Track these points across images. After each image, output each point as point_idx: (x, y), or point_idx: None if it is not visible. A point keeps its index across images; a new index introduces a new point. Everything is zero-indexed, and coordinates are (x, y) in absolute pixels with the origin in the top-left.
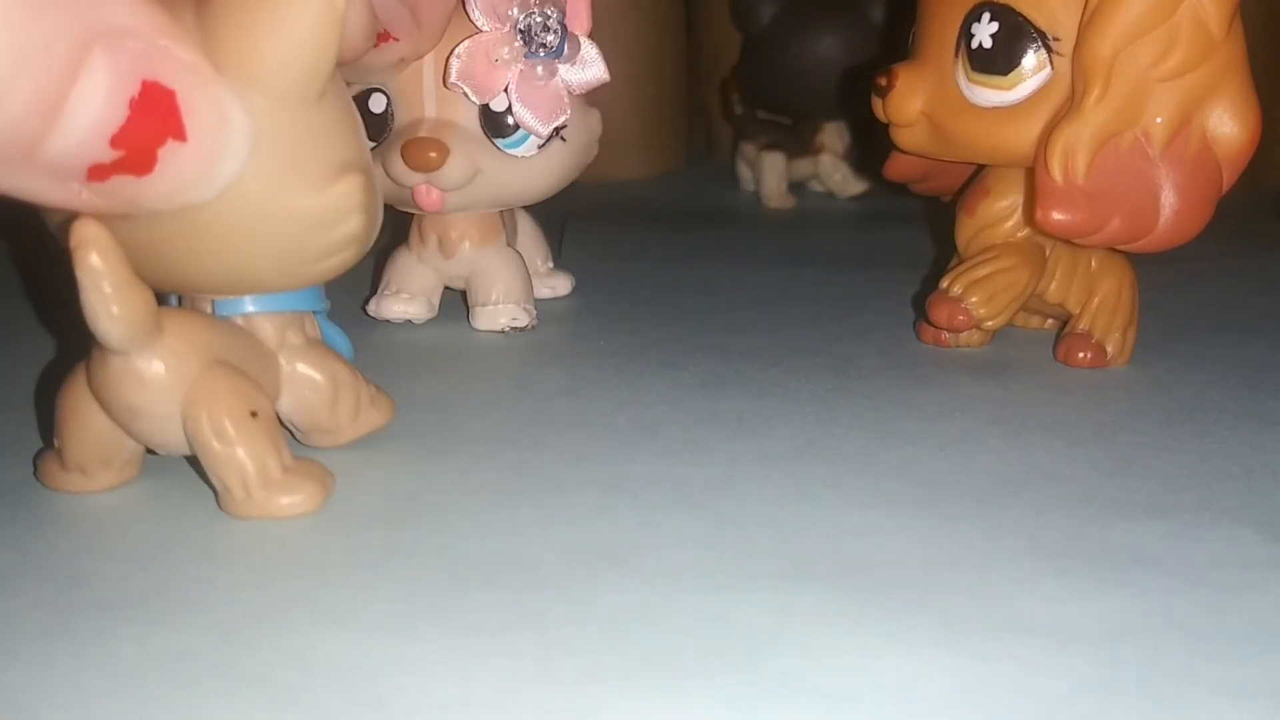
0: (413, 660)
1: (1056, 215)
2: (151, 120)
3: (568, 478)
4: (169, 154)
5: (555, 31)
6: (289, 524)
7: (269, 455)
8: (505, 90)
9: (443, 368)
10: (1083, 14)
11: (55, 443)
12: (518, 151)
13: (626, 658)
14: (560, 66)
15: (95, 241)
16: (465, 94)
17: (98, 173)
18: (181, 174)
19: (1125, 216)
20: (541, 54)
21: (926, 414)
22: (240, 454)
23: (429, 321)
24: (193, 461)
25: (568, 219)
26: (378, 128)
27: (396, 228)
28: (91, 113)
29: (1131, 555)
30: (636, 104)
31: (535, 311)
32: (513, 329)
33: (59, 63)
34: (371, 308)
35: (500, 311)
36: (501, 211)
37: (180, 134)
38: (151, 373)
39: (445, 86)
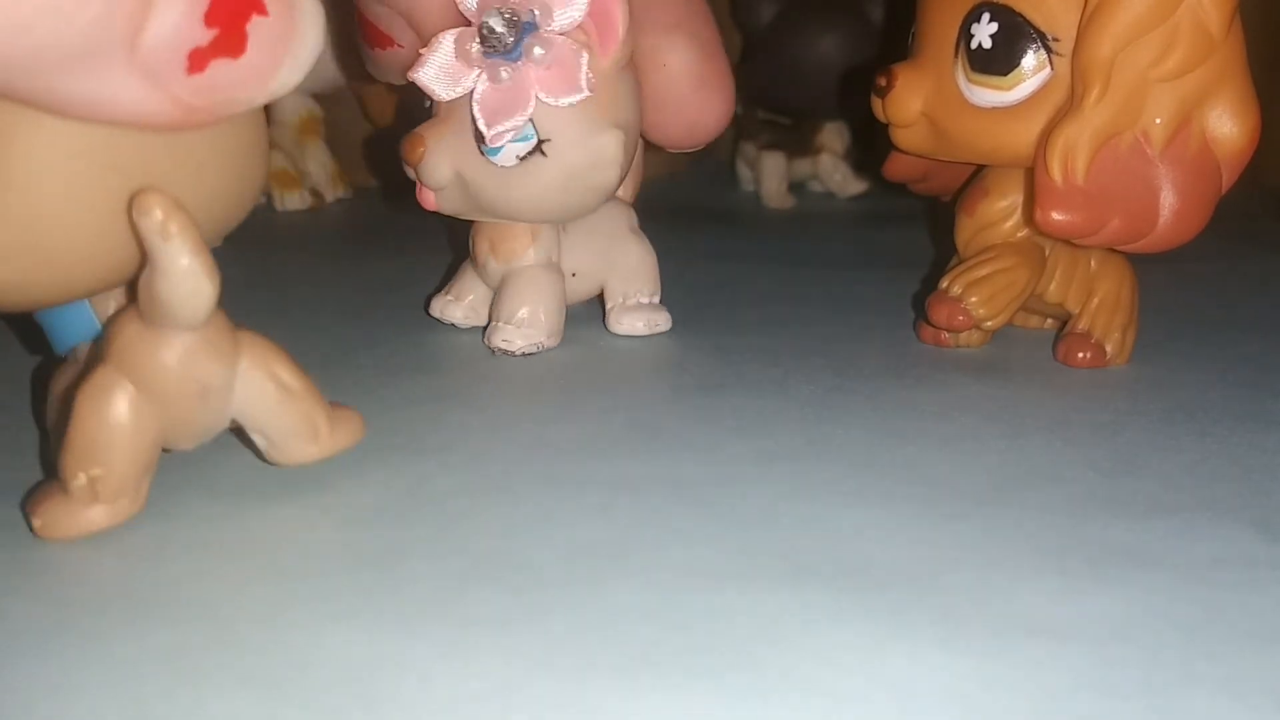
0: (413, 658)
1: (1056, 215)
2: None
3: (568, 476)
4: (255, 30)
5: (512, 33)
6: (289, 522)
7: (322, 403)
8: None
9: (444, 366)
10: (1082, 14)
11: (89, 474)
12: (495, 160)
13: (627, 656)
14: (532, 70)
15: (173, 211)
16: (426, 90)
17: (197, 60)
18: (269, 52)
19: (1125, 217)
20: (494, 55)
21: (926, 414)
22: (312, 401)
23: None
24: (199, 454)
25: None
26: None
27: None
28: None
29: (1131, 555)
30: None
31: (541, 340)
32: (502, 352)
33: None
34: (431, 306)
35: (495, 331)
36: (546, 226)
37: (262, 8)
38: (222, 340)
39: (405, 79)
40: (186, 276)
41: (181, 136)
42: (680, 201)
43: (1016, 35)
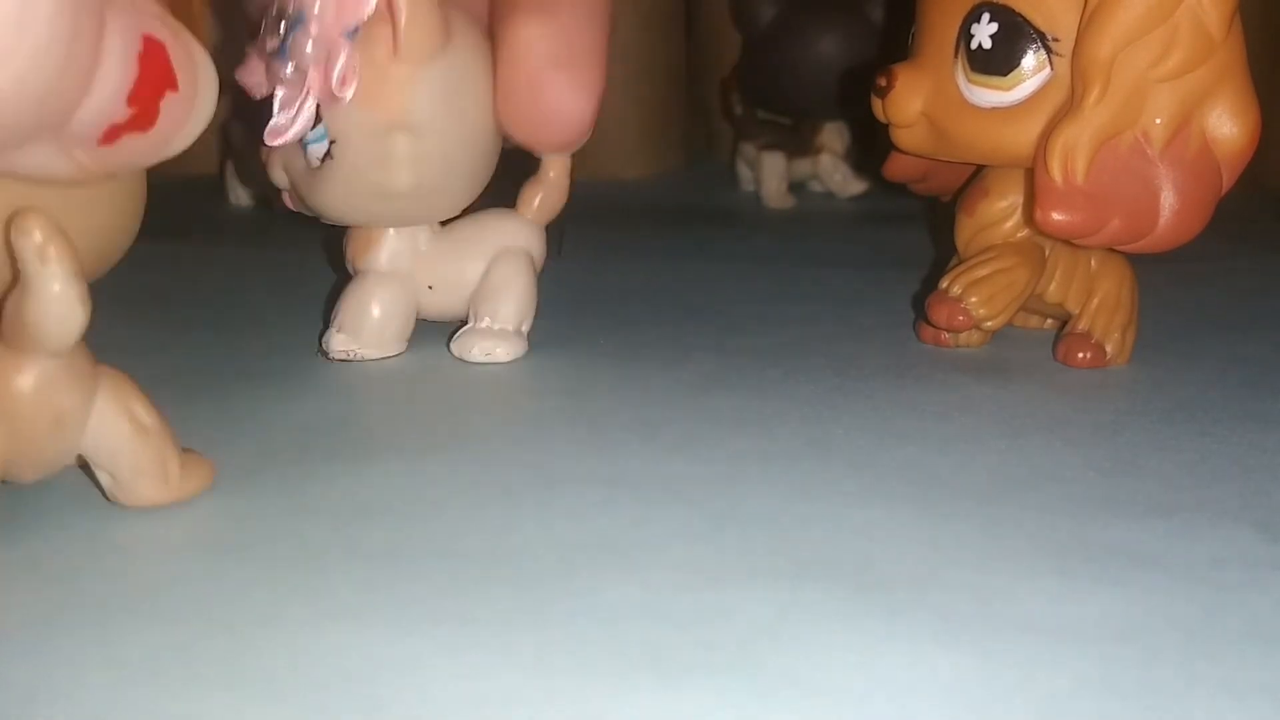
0: (413, 656)
1: (1056, 216)
2: (154, 74)
3: (568, 475)
4: (167, 106)
5: (277, 30)
6: (288, 521)
7: (175, 445)
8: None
9: (444, 366)
10: (1082, 14)
11: None
12: (307, 159)
13: (626, 655)
14: (311, 69)
15: (53, 234)
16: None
17: (111, 134)
18: (174, 124)
19: (1125, 217)
20: (272, 53)
21: (926, 414)
22: (166, 442)
23: (435, 324)
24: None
25: (567, 219)
26: None
27: None
28: (115, 74)
29: (1131, 555)
30: (636, 104)
31: (355, 349)
32: (321, 355)
33: (94, 29)
34: None
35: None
36: (391, 234)
37: (174, 84)
38: (83, 369)
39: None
40: (59, 302)
41: None
42: (680, 201)
43: (1016, 35)
